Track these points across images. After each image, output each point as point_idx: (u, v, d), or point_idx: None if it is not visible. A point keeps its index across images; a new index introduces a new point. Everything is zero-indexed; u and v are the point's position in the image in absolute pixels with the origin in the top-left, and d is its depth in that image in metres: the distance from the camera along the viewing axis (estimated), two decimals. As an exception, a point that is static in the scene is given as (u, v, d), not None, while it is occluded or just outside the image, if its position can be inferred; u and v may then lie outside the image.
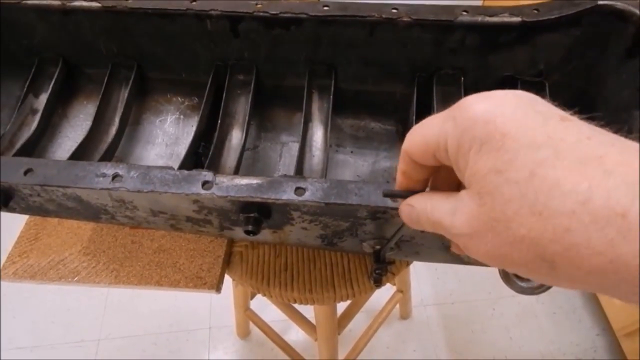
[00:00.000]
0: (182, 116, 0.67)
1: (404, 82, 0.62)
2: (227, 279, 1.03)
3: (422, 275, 1.48)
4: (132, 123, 0.66)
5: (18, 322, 1.38)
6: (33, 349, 1.33)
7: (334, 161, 0.65)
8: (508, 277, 0.39)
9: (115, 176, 0.40)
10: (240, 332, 1.31)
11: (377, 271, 0.48)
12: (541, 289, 0.39)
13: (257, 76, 0.63)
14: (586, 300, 1.41)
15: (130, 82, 0.63)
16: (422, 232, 0.47)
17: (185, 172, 0.41)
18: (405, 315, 1.36)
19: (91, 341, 1.35)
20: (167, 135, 0.66)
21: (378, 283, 0.52)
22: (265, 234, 0.51)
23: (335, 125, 0.67)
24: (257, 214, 0.44)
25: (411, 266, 1.47)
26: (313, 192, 0.39)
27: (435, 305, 1.41)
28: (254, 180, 0.40)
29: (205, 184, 0.40)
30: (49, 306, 1.42)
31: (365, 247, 0.51)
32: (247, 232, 0.45)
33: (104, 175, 0.40)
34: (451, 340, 1.34)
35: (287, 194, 0.39)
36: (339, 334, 0.84)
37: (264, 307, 1.17)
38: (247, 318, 1.15)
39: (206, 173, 0.40)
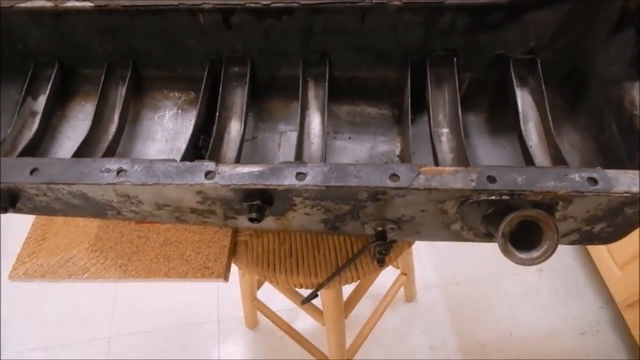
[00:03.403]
0: (180, 111, 0.68)
1: (397, 66, 0.63)
2: (233, 271, 1.04)
3: (425, 258, 1.49)
4: (131, 121, 0.67)
5: (29, 325, 1.40)
6: (46, 349, 1.35)
7: (332, 148, 0.66)
8: (507, 249, 0.40)
9: (119, 171, 0.41)
10: (249, 323, 1.33)
11: (380, 251, 0.49)
12: (540, 258, 0.41)
13: (252, 68, 0.64)
14: (588, 275, 1.42)
15: (127, 80, 0.64)
16: (423, 211, 0.48)
17: (188, 163, 0.42)
18: (410, 298, 1.38)
19: (102, 339, 1.37)
20: (167, 130, 0.67)
21: (381, 263, 0.53)
22: (269, 222, 0.52)
23: (331, 112, 0.68)
24: (260, 201, 0.45)
25: (414, 250, 1.48)
26: (314, 176, 0.40)
27: (440, 287, 1.43)
28: (255, 168, 0.41)
29: (208, 174, 0.41)
30: (58, 307, 1.43)
31: (367, 229, 0.52)
32: (251, 220, 0.46)
33: (108, 171, 0.41)
34: (456, 321, 1.36)
35: (289, 180, 0.40)
36: (345, 318, 0.85)
37: (271, 296, 1.19)
38: (255, 308, 1.17)
39: (208, 163, 0.41)
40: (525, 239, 0.43)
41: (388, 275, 1.22)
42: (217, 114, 0.60)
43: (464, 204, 0.45)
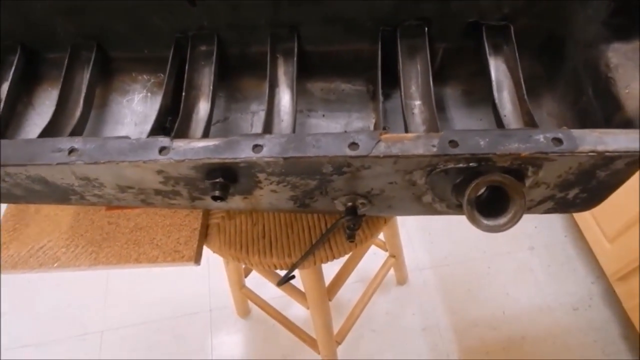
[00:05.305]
0: (149, 94, 0.67)
1: (369, 38, 0.61)
2: (219, 259, 1.03)
3: (416, 240, 1.48)
4: (99, 105, 0.65)
5: (21, 321, 1.40)
6: (38, 345, 1.35)
7: (307, 126, 0.64)
8: (473, 216, 0.39)
9: (71, 150, 0.40)
10: (240, 311, 1.33)
11: (349, 226, 0.48)
12: (507, 225, 0.39)
13: (220, 46, 0.62)
14: (580, 251, 1.42)
15: (91, 62, 0.62)
16: (391, 183, 0.47)
17: (142, 139, 0.40)
18: (401, 280, 1.37)
19: (94, 333, 1.36)
20: (136, 114, 0.65)
21: (352, 239, 0.52)
22: (237, 201, 0.51)
23: (305, 90, 0.66)
24: (223, 179, 0.44)
25: (405, 232, 1.48)
26: (270, 148, 0.39)
27: (431, 269, 1.42)
28: (211, 142, 0.39)
29: (163, 150, 0.39)
30: (50, 303, 1.43)
31: (338, 205, 0.50)
32: (214, 198, 0.44)
33: (59, 150, 0.40)
34: (449, 301, 1.36)
35: (245, 153, 0.39)
36: (330, 300, 0.85)
37: (262, 285, 1.18)
38: (244, 296, 1.16)
39: (163, 139, 0.40)
40: (497, 210, 0.41)
41: (378, 260, 1.21)
42: (184, 93, 0.59)
43: (432, 173, 0.43)
